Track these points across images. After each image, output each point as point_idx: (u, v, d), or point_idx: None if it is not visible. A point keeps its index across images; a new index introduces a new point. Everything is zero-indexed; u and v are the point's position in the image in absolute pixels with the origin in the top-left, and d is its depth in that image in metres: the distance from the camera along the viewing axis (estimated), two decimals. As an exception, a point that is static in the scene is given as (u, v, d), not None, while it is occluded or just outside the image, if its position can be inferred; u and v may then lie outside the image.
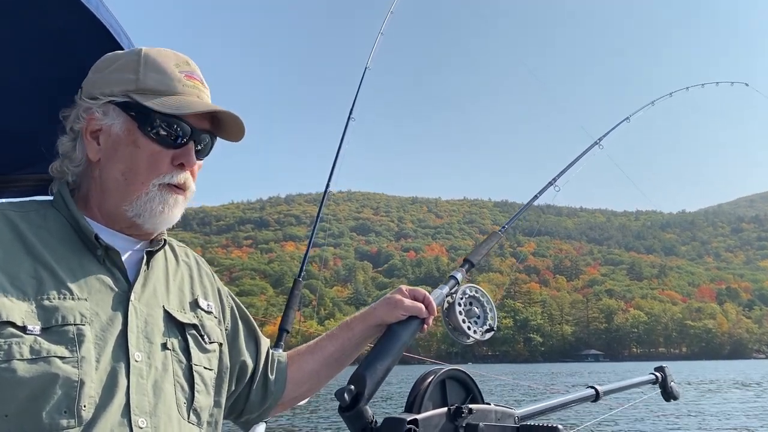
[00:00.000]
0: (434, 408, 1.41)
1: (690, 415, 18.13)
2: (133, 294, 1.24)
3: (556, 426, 1.39)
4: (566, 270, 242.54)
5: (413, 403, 1.41)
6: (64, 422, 1.07)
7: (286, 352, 1.63)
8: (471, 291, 1.67)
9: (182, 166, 1.29)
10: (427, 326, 1.57)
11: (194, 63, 1.36)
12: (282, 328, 1.76)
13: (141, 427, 1.13)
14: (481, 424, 1.40)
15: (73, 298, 1.15)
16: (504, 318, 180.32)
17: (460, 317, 1.62)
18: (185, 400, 1.25)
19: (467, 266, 1.79)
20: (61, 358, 1.09)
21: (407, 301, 1.54)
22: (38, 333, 1.09)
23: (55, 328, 1.11)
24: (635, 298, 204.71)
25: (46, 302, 1.12)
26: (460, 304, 1.64)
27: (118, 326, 1.18)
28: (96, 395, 1.11)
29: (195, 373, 1.28)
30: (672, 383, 2.16)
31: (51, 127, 1.81)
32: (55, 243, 1.22)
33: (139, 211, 1.27)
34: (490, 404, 1.49)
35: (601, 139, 2.41)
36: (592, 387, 1.87)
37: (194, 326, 1.33)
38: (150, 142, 1.27)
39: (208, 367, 1.33)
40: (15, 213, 1.22)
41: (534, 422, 1.54)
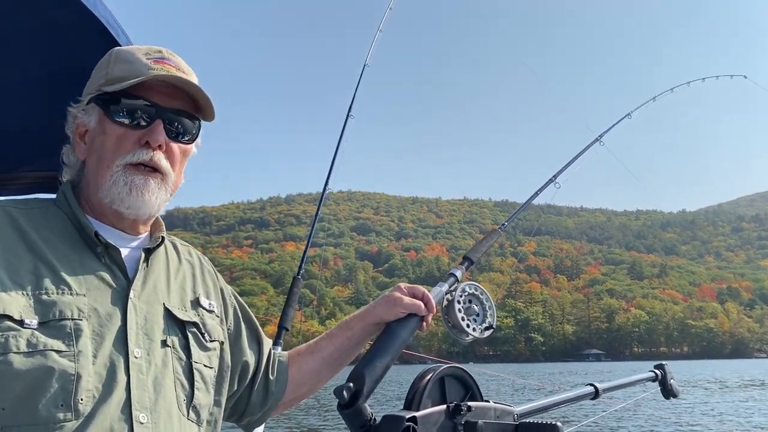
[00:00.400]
0: (433, 405, 1.40)
1: (690, 414, 18.10)
2: (132, 291, 1.24)
3: (556, 423, 1.39)
4: (567, 269, 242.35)
5: (412, 400, 1.40)
6: (61, 415, 1.07)
7: (286, 352, 1.62)
8: (470, 289, 1.67)
9: (148, 144, 1.28)
10: (426, 324, 1.56)
11: (172, 52, 1.36)
12: (281, 326, 1.76)
13: (142, 423, 1.14)
14: (480, 422, 1.40)
15: (71, 294, 1.16)
16: (505, 318, 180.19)
17: (460, 315, 1.62)
18: (185, 397, 1.25)
19: (467, 264, 1.78)
20: (58, 351, 1.10)
21: (406, 299, 1.54)
22: (35, 327, 1.10)
23: (52, 322, 1.12)
24: (636, 297, 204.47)
25: (45, 297, 1.13)
26: (459, 302, 1.63)
27: (117, 322, 1.19)
28: (95, 389, 1.11)
29: (195, 371, 1.28)
30: (672, 380, 2.15)
31: (49, 124, 1.81)
32: (56, 240, 1.23)
33: (111, 196, 1.27)
34: (489, 402, 1.48)
35: (602, 136, 2.40)
36: (591, 385, 1.87)
37: (195, 324, 1.33)
38: (116, 126, 1.28)
39: (208, 365, 1.33)
40: (17, 210, 1.24)
41: (533, 420, 1.53)
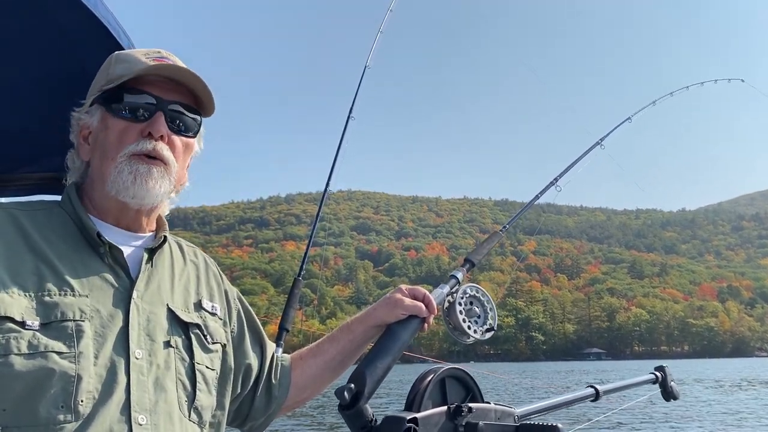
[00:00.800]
0: (434, 407, 1.41)
1: (690, 415, 18.08)
2: (135, 291, 1.24)
3: (556, 425, 1.39)
4: (567, 269, 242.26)
5: (413, 401, 1.40)
6: (61, 417, 1.07)
7: (288, 355, 1.63)
8: (471, 290, 1.67)
9: (150, 135, 1.30)
10: (427, 325, 1.57)
11: (171, 54, 1.37)
12: (282, 327, 1.76)
13: (141, 424, 1.14)
14: (481, 423, 1.40)
15: (73, 295, 1.16)
16: (506, 317, 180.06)
17: (461, 317, 1.62)
18: (186, 398, 1.25)
19: (468, 266, 1.79)
20: (59, 353, 1.10)
21: (407, 301, 1.54)
22: (37, 328, 1.10)
23: (54, 323, 1.12)
24: (637, 296, 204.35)
25: (47, 298, 1.14)
26: (460, 304, 1.64)
27: (119, 323, 1.19)
28: (95, 391, 1.11)
29: (197, 372, 1.29)
30: (672, 383, 2.15)
31: (50, 125, 1.82)
32: (59, 241, 1.23)
33: (116, 187, 1.28)
34: (489, 403, 1.48)
35: (602, 140, 2.40)
36: (592, 386, 1.87)
37: (197, 326, 1.34)
38: (118, 120, 1.30)
39: (211, 367, 1.33)
40: (21, 212, 1.25)
41: (534, 421, 1.54)
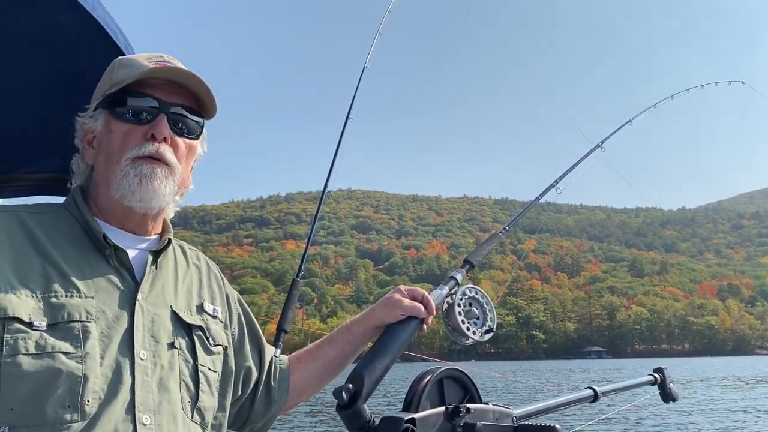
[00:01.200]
0: (432, 407, 1.41)
1: (689, 416, 18.06)
2: (140, 293, 1.26)
3: (554, 426, 1.39)
4: (567, 267, 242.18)
5: (411, 402, 1.41)
6: (68, 416, 1.09)
7: (286, 357, 1.63)
8: (471, 292, 1.67)
9: (153, 138, 1.30)
10: (426, 326, 1.57)
11: (174, 58, 1.38)
12: (280, 328, 1.76)
13: (145, 424, 1.15)
14: (479, 424, 1.40)
15: (79, 296, 1.17)
16: (506, 315, 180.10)
17: (460, 318, 1.63)
18: (189, 399, 1.27)
19: (467, 267, 1.79)
20: (66, 353, 1.11)
21: (406, 301, 1.55)
22: (44, 329, 1.12)
23: (61, 324, 1.13)
24: (637, 294, 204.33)
25: (53, 299, 1.15)
26: (459, 305, 1.64)
27: (124, 324, 1.20)
28: (100, 391, 1.13)
29: (200, 373, 1.30)
30: (671, 384, 2.15)
31: (49, 125, 1.82)
32: (65, 243, 1.25)
33: (122, 191, 1.28)
34: (488, 404, 1.49)
35: (603, 142, 2.40)
36: (590, 388, 1.87)
37: (200, 328, 1.35)
38: (121, 123, 1.31)
39: (213, 369, 1.35)
40: (27, 214, 1.26)
41: (532, 422, 1.54)
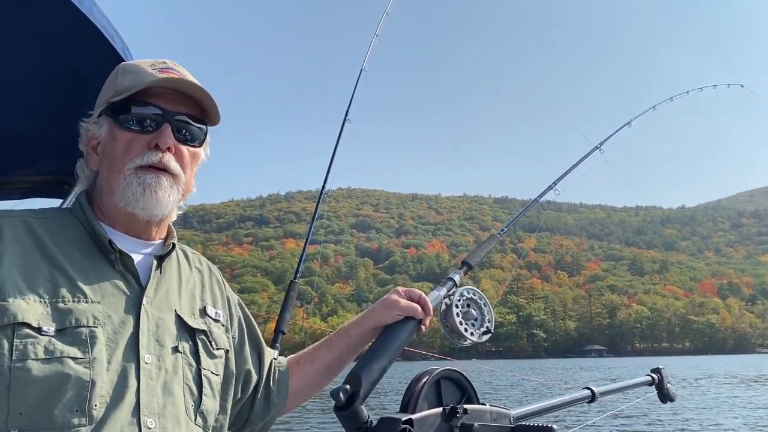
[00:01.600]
0: (429, 408, 1.42)
1: (688, 417, 18.08)
2: (145, 298, 1.27)
3: (552, 426, 1.40)
4: (567, 266, 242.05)
5: (408, 403, 1.42)
6: (76, 420, 1.10)
7: (285, 359, 1.64)
8: (468, 293, 1.68)
9: (157, 147, 1.31)
10: (424, 327, 1.57)
11: (177, 64, 1.38)
12: (278, 330, 1.77)
13: (150, 428, 1.16)
14: (476, 424, 1.41)
15: (86, 301, 1.19)
16: (507, 314, 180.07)
17: (458, 319, 1.63)
18: (193, 403, 1.28)
19: (465, 268, 1.80)
20: (74, 358, 1.12)
21: (403, 302, 1.55)
22: (52, 334, 1.13)
23: (68, 329, 1.14)
24: (637, 293, 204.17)
25: (61, 305, 1.16)
26: (457, 306, 1.65)
27: (130, 329, 1.22)
28: (107, 395, 1.14)
29: (203, 377, 1.31)
30: (668, 384, 2.16)
31: (48, 127, 1.82)
32: (72, 248, 1.26)
33: (125, 199, 1.30)
34: (485, 404, 1.49)
35: (602, 144, 2.41)
36: (588, 388, 1.87)
37: (203, 332, 1.36)
38: (125, 132, 1.31)
39: (215, 372, 1.36)
40: (34, 219, 1.27)
41: (529, 422, 1.54)
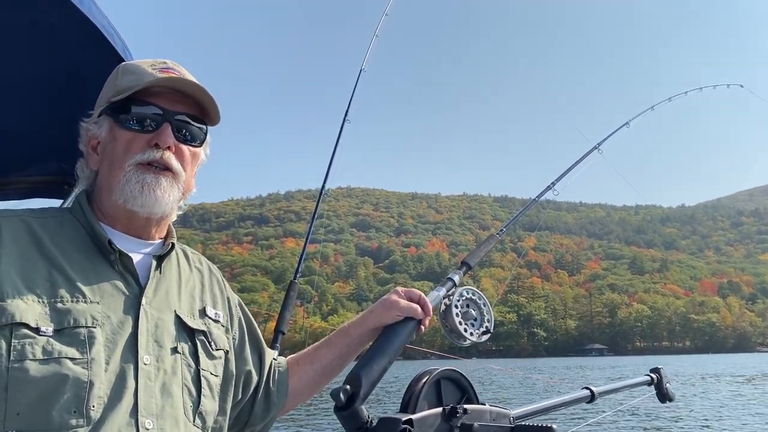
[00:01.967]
0: (429, 408, 1.42)
1: (687, 417, 18.06)
2: (144, 298, 1.27)
3: (551, 426, 1.40)
4: (567, 265, 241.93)
5: (408, 403, 1.42)
6: (73, 421, 1.09)
7: (285, 360, 1.64)
8: (468, 293, 1.68)
9: (157, 146, 1.31)
10: (424, 327, 1.58)
11: (177, 64, 1.38)
12: (278, 330, 1.77)
13: (147, 429, 1.16)
14: (476, 424, 1.41)
15: (85, 301, 1.18)
16: (507, 313, 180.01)
17: (457, 319, 1.63)
18: (192, 404, 1.27)
19: (465, 268, 1.80)
20: (72, 359, 1.12)
21: (402, 302, 1.55)
22: (51, 334, 1.12)
23: (67, 330, 1.14)
24: (638, 292, 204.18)
25: (60, 305, 1.16)
26: (456, 306, 1.65)
27: (129, 329, 1.21)
28: (105, 396, 1.13)
29: (202, 378, 1.31)
30: (667, 384, 2.16)
31: (48, 128, 1.82)
32: (71, 248, 1.25)
33: (124, 196, 1.29)
34: (485, 404, 1.49)
35: (600, 144, 2.41)
36: (587, 388, 1.87)
37: (203, 332, 1.36)
38: (125, 131, 1.31)
39: (214, 373, 1.36)
40: (33, 219, 1.27)
41: (529, 422, 1.54)
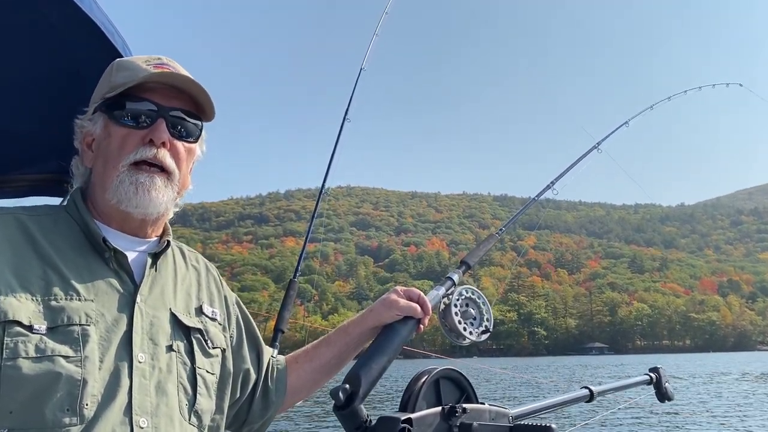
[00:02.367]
0: (428, 407, 1.42)
1: (687, 416, 18.04)
2: (139, 296, 1.26)
3: (550, 425, 1.40)
4: (567, 263, 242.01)
5: (407, 402, 1.42)
6: (67, 420, 1.09)
7: (283, 358, 1.64)
8: (467, 292, 1.68)
9: (152, 142, 1.30)
10: (423, 326, 1.57)
11: (172, 60, 1.37)
12: (277, 329, 1.78)
13: (142, 427, 1.15)
14: (475, 424, 1.41)
15: (79, 299, 1.18)
16: (508, 312, 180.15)
17: (456, 318, 1.63)
18: (187, 402, 1.27)
19: (464, 268, 1.80)
20: (65, 357, 1.11)
21: (402, 302, 1.55)
22: (44, 332, 1.12)
23: (60, 327, 1.13)
24: (638, 291, 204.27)
25: (53, 303, 1.15)
26: (456, 305, 1.65)
27: (123, 327, 1.21)
28: (99, 394, 1.13)
29: (198, 376, 1.30)
30: (666, 384, 2.16)
31: (47, 127, 1.82)
32: (65, 246, 1.24)
33: (118, 196, 1.28)
34: (484, 404, 1.49)
35: (599, 143, 2.40)
36: (586, 387, 1.87)
37: (199, 330, 1.35)
38: (119, 128, 1.30)
39: (211, 372, 1.35)
40: (27, 216, 1.26)
41: (528, 422, 1.55)
